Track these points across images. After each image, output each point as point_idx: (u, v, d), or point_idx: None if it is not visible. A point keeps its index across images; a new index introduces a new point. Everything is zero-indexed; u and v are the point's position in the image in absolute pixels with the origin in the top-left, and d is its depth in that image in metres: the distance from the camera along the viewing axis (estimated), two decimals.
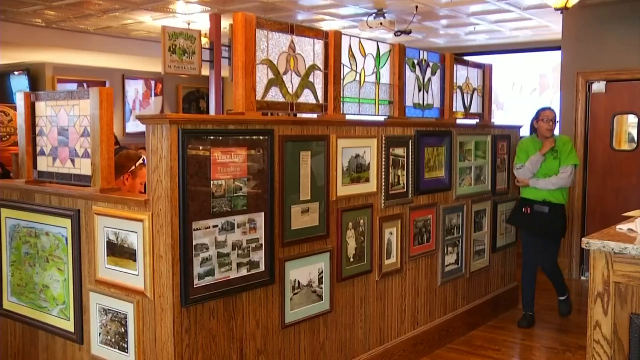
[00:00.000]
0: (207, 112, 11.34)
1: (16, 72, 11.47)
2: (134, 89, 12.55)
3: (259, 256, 3.19)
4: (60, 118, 3.50)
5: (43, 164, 3.65)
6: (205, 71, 7.60)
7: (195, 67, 7.38)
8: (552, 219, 5.19)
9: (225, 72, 7.62)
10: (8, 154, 8.48)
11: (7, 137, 9.25)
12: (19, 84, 11.42)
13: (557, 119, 5.29)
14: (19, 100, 3.72)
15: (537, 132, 5.31)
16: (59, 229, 3.41)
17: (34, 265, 3.58)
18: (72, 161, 3.45)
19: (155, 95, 12.95)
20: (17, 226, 3.67)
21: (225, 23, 7.45)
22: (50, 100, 3.60)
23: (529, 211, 5.24)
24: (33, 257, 3.58)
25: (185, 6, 7.76)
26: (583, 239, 2.70)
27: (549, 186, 5.14)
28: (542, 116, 5.24)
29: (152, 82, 12.72)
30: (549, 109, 5.34)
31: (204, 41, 7.68)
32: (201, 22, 8.11)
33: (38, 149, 3.68)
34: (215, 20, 7.37)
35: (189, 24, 8.33)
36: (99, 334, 3.22)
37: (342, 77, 3.84)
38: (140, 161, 3.89)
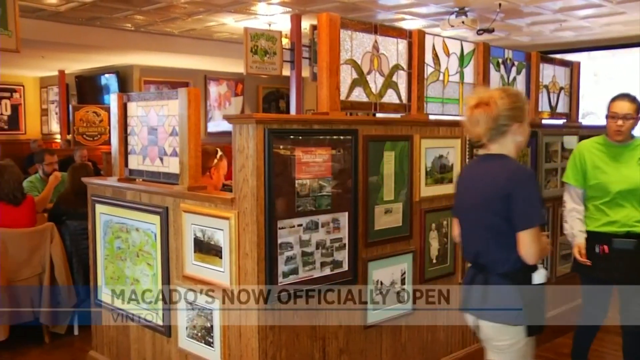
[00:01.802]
0: (287, 112, 11.49)
1: (107, 75, 12.00)
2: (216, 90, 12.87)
3: (343, 256, 3.20)
4: (150, 118, 3.62)
5: (134, 163, 3.78)
6: (286, 71, 7.69)
7: (276, 67, 7.51)
8: None
9: (304, 73, 7.70)
10: (99, 152, 8.87)
11: (98, 136, 9.67)
12: (109, 86, 11.94)
13: None
14: (113, 101, 3.87)
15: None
16: (148, 225, 3.53)
17: (125, 259, 3.73)
18: (161, 160, 3.56)
19: (236, 95, 13.21)
20: (110, 222, 3.83)
21: (305, 24, 7.52)
22: (141, 100, 3.73)
23: (605, 250, 3.59)
24: (124, 251, 3.73)
25: (267, 7, 7.87)
26: None
27: None
28: (611, 111, 3.59)
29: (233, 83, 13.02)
30: (626, 96, 3.61)
31: (285, 42, 7.77)
32: (281, 23, 8.22)
33: (129, 147, 3.82)
34: (296, 21, 7.45)
35: (269, 25, 8.45)
36: (186, 328, 3.31)
37: (425, 76, 3.80)
38: (220, 153, 4.00)
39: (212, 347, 3.16)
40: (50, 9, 7.91)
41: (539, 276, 2.57)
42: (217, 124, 12.38)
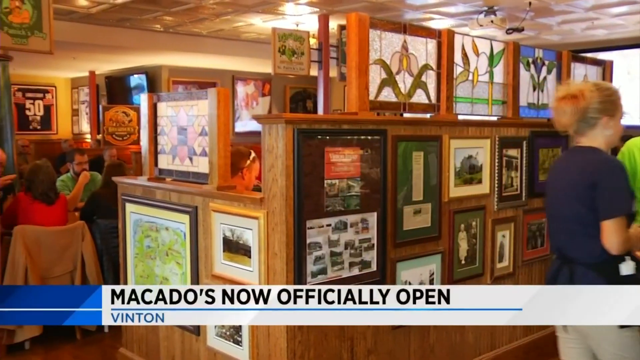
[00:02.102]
0: (314, 111, 11.50)
1: (136, 75, 12.14)
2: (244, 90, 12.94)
3: (371, 256, 3.19)
4: (180, 118, 3.65)
5: (163, 162, 3.82)
6: (313, 71, 7.69)
7: (304, 67, 7.53)
8: None
9: (332, 73, 7.70)
10: (128, 152, 8.97)
11: (127, 136, 9.79)
12: (139, 86, 12.08)
13: None
14: (143, 101, 3.90)
15: None
16: (178, 224, 3.56)
17: (154, 258, 3.76)
18: (191, 159, 3.59)
19: (263, 95, 13.26)
20: (140, 221, 3.87)
21: (333, 24, 7.52)
22: (170, 101, 3.76)
23: None
24: (154, 250, 3.77)
25: (295, 8, 7.90)
26: None
27: None
28: None
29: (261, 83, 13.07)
30: None
31: (312, 42, 7.78)
32: (309, 23, 8.23)
33: (159, 147, 3.85)
34: (324, 21, 7.45)
35: (297, 25, 8.48)
36: (215, 326, 3.33)
37: (454, 76, 3.77)
38: (253, 155, 4.01)
39: (241, 346, 3.17)
40: (82, 11, 8.04)
41: (627, 267, 2.50)
42: (245, 124, 12.43)
